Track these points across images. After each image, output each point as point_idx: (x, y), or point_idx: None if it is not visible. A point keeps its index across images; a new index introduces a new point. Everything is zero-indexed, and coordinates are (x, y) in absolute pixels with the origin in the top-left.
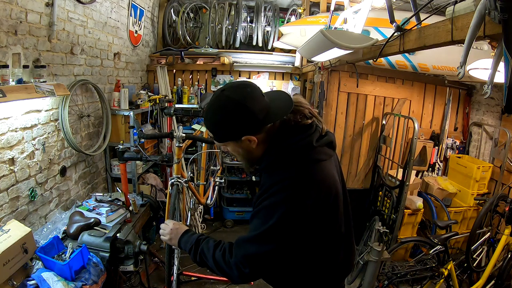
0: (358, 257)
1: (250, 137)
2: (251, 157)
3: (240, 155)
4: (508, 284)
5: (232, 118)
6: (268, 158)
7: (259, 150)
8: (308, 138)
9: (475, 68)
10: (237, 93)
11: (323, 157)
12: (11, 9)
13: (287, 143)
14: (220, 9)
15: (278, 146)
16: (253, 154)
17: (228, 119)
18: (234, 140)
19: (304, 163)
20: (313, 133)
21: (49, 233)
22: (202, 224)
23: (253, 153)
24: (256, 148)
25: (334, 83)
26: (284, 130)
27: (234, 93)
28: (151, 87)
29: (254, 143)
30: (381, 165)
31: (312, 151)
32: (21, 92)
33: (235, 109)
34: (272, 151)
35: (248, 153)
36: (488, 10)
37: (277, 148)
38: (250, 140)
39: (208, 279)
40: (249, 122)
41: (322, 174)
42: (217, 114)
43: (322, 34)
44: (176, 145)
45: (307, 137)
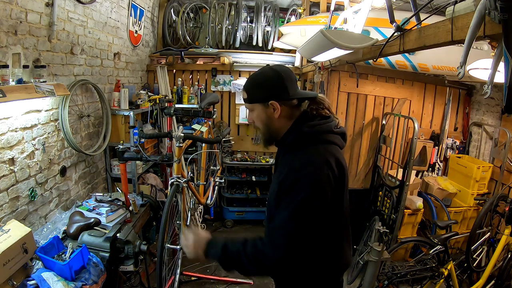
0: (358, 257)
1: (276, 104)
2: (271, 127)
3: (263, 123)
4: (508, 284)
5: (267, 81)
6: (294, 135)
7: (280, 124)
8: (329, 124)
9: (475, 68)
10: (278, 66)
11: (338, 142)
12: (11, 9)
13: (311, 123)
14: (220, 9)
15: (300, 127)
16: (274, 125)
17: (264, 81)
18: (262, 102)
19: (323, 142)
20: (332, 121)
21: (49, 233)
22: (202, 224)
23: (274, 123)
24: (278, 119)
25: (334, 83)
26: (305, 116)
27: (276, 66)
28: (151, 87)
29: (277, 113)
30: (381, 165)
31: (331, 134)
32: (21, 92)
33: (272, 75)
34: (295, 132)
35: (270, 122)
36: (488, 10)
37: (299, 130)
38: (275, 108)
39: (208, 279)
40: (279, 88)
41: (338, 154)
42: (257, 77)
43: (322, 34)
44: (176, 145)
45: (328, 123)
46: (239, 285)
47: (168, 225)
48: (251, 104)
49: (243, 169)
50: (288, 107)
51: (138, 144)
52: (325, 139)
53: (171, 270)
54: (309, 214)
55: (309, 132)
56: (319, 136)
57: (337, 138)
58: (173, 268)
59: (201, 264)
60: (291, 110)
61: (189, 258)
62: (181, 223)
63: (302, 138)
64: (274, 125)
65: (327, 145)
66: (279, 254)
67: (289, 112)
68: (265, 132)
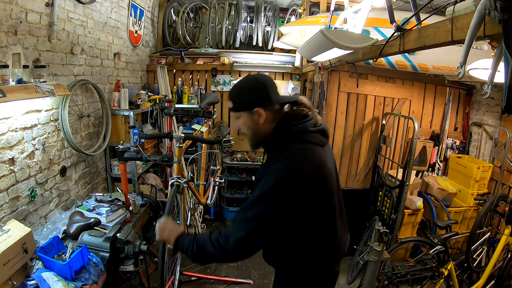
0: (358, 257)
1: (260, 111)
2: (258, 132)
3: (249, 129)
4: (508, 284)
5: (251, 90)
6: (271, 137)
7: (265, 128)
8: (304, 124)
9: (475, 68)
10: (260, 75)
11: (315, 141)
12: (11, 9)
13: (287, 126)
14: (220, 9)
15: (280, 128)
16: (260, 130)
17: (248, 90)
18: (248, 110)
19: (299, 142)
20: (309, 121)
21: (49, 233)
22: (202, 224)
23: (260, 128)
24: (263, 124)
25: (334, 83)
26: (287, 117)
27: (258, 75)
28: (151, 87)
29: (263, 118)
30: (381, 165)
31: (307, 134)
32: (21, 92)
33: (255, 83)
34: (275, 132)
35: (256, 127)
36: (488, 10)
37: (279, 130)
38: (260, 114)
39: (208, 279)
40: (262, 96)
41: (312, 154)
42: (241, 85)
43: (322, 34)
44: (177, 146)
45: (303, 123)
46: (239, 285)
47: None
48: (238, 112)
49: (243, 169)
50: (272, 112)
51: (138, 144)
52: (301, 139)
53: (171, 270)
54: (269, 205)
55: (286, 133)
56: (294, 136)
57: (314, 137)
58: (173, 268)
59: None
60: (274, 114)
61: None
62: (181, 223)
63: (279, 139)
64: (260, 130)
65: (303, 145)
66: (238, 237)
67: (273, 117)
68: (252, 137)
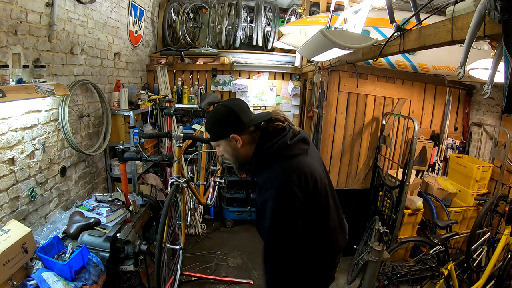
0: (358, 257)
1: (236, 136)
2: (238, 156)
3: (230, 154)
4: (508, 284)
5: (223, 119)
6: (255, 161)
7: (245, 151)
8: (283, 139)
9: (475, 68)
10: (229, 102)
11: (298, 152)
12: (11, 9)
13: (267, 146)
14: (220, 9)
15: (260, 149)
16: (240, 154)
17: (220, 119)
18: (224, 138)
19: (283, 160)
20: (287, 134)
21: (49, 233)
22: (202, 224)
23: (239, 153)
24: (242, 148)
25: (334, 83)
26: (264, 135)
27: (226, 102)
28: (151, 87)
29: (240, 143)
30: (381, 165)
31: (288, 148)
32: (21, 92)
33: (225, 112)
34: (257, 154)
35: (236, 152)
36: (488, 10)
37: (260, 152)
38: (236, 139)
39: (208, 279)
40: (235, 122)
41: (299, 165)
42: (213, 117)
43: (322, 34)
44: (177, 145)
45: (282, 138)
46: (239, 285)
47: (168, 225)
48: (216, 141)
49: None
50: (247, 134)
51: (138, 144)
52: (283, 156)
53: (171, 270)
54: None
55: (267, 155)
56: (276, 155)
57: (295, 148)
58: (173, 268)
59: (201, 264)
60: (251, 136)
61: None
62: (181, 223)
63: (263, 162)
64: (240, 154)
65: (287, 161)
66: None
67: (250, 138)
68: (234, 161)
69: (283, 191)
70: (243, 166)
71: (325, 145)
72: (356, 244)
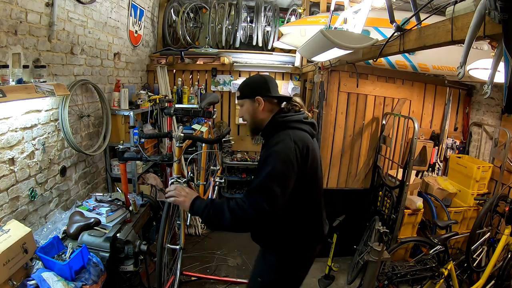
0: (358, 257)
1: (260, 99)
2: (256, 119)
3: (250, 115)
4: (508, 284)
5: (254, 82)
6: (270, 125)
7: (263, 115)
8: (298, 116)
9: (475, 68)
10: (265, 74)
11: (306, 129)
12: (11, 9)
13: (282, 116)
14: (220, 9)
15: (276, 118)
16: (258, 117)
17: (253, 82)
18: (250, 98)
19: (292, 128)
20: (301, 114)
21: (49, 233)
22: (202, 224)
23: (258, 115)
24: (262, 112)
25: (334, 83)
26: (282, 110)
27: (263, 74)
28: (151, 87)
29: (261, 106)
30: (381, 165)
31: (300, 123)
32: (21, 92)
33: (259, 79)
34: (272, 120)
35: (255, 114)
36: (488, 10)
37: (276, 119)
38: (259, 102)
39: (208, 279)
40: (263, 88)
41: (305, 138)
42: (248, 80)
43: (322, 34)
44: (177, 145)
45: (297, 115)
46: (239, 285)
47: (168, 225)
48: (242, 100)
49: (243, 169)
50: (269, 103)
51: (138, 144)
52: (293, 126)
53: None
54: (278, 178)
55: (281, 121)
56: (288, 123)
57: (306, 126)
58: (174, 268)
59: (201, 264)
60: (272, 106)
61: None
62: (181, 223)
63: (276, 125)
64: (258, 117)
65: (295, 130)
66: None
67: (270, 107)
68: (251, 123)
69: (286, 148)
70: (256, 130)
71: (325, 145)
72: (356, 244)
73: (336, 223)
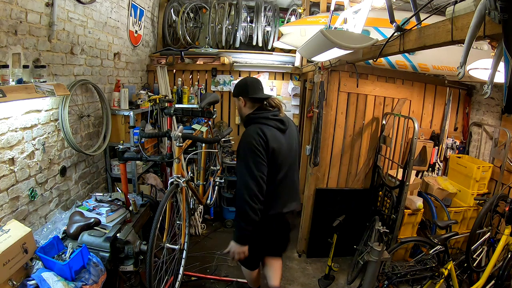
0: (358, 257)
1: (241, 99)
2: (241, 112)
3: (238, 109)
4: (508, 284)
5: (239, 85)
6: (245, 119)
7: (245, 111)
8: (267, 114)
9: (475, 68)
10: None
11: (272, 125)
12: (11, 9)
13: (255, 113)
14: (220, 9)
15: (250, 114)
16: (242, 112)
17: (238, 85)
18: (237, 97)
19: (258, 123)
20: (271, 112)
21: (49, 233)
22: (202, 224)
23: (242, 111)
24: (244, 108)
25: (334, 83)
26: (260, 108)
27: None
28: (151, 87)
29: (243, 104)
30: (381, 165)
31: (266, 120)
32: (21, 92)
33: (242, 82)
34: (246, 116)
35: (240, 110)
36: (488, 10)
37: (249, 115)
38: (242, 101)
39: (208, 279)
40: (244, 90)
41: (265, 132)
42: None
43: (322, 34)
44: (177, 145)
45: (266, 113)
46: None
47: (169, 224)
48: (234, 97)
49: None
50: (249, 101)
51: (138, 144)
52: (261, 122)
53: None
54: (248, 163)
55: (252, 117)
56: (256, 119)
57: (272, 122)
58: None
59: (201, 264)
60: (252, 104)
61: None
62: (182, 223)
63: (248, 120)
64: (242, 112)
65: (261, 125)
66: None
67: (251, 105)
68: (240, 116)
69: (248, 140)
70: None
71: (325, 145)
72: (356, 244)
73: (336, 223)
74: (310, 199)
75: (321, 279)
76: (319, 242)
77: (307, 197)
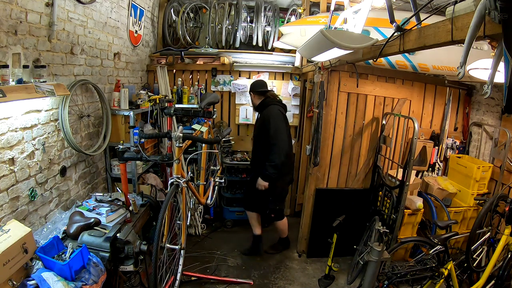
0: (358, 257)
1: (252, 93)
2: (253, 102)
3: (251, 101)
4: (508, 284)
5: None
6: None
7: (256, 101)
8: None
9: (475, 68)
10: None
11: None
12: (11, 9)
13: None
14: (220, 9)
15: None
16: (253, 102)
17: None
18: (250, 92)
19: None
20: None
21: (49, 233)
22: (202, 224)
23: (253, 101)
24: (254, 100)
25: (334, 83)
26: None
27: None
28: (151, 87)
29: (253, 98)
30: (381, 165)
31: (276, 104)
32: (21, 92)
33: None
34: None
35: (252, 101)
36: (488, 10)
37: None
38: (252, 94)
39: (208, 279)
40: (253, 87)
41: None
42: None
43: (322, 34)
44: (177, 145)
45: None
46: (239, 285)
47: (169, 224)
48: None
49: (243, 169)
50: (257, 94)
51: (138, 144)
52: (273, 104)
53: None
54: (280, 129)
55: (268, 101)
56: (270, 102)
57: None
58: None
59: (201, 264)
60: (258, 96)
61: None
62: (182, 223)
63: (265, 105)
64: (254, 102)
65: (274, 105)
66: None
67: (257, 97)
68: (253, 105)
69: (275, 114)
70: (256, 108)
71: (325, 145)
72: (356, 244)
73: (336, 223)
74: (310, 199)
75: (321, 279)
76: (319, 242)
77: (307, 197)
